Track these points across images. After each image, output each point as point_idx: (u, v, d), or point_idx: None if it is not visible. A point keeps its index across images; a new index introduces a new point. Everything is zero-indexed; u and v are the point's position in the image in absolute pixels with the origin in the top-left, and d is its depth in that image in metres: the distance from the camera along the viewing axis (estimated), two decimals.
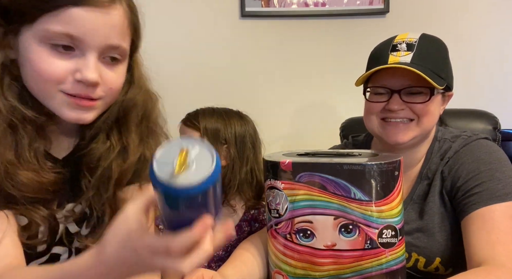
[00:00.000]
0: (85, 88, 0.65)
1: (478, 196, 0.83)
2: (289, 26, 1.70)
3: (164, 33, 1.71)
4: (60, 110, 0.67)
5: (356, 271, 0.73)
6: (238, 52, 1.72)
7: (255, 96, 1.73)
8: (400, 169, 0.72)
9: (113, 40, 0.66)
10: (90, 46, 0.64)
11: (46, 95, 0.66)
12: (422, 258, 0.91)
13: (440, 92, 0.92)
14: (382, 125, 0.92)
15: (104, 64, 0.67)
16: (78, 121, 0.68)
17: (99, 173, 0.75)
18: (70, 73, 0.64)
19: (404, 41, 0.91)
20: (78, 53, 0.64)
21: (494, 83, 1.67)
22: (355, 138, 1.12)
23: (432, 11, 1.67)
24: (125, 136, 0.77)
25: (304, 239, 0.76)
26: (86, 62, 0.64)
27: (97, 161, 0.75)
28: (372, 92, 0.95)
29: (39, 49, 0.63)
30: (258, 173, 1.15)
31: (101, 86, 0.67)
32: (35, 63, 0.63)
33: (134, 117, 0.78)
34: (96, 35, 0.64)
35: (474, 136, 0.93)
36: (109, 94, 0.70)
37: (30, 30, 0.63)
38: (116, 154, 0.76)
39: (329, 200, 0.73)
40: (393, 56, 0.90)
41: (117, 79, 0.70)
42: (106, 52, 0.66)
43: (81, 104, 0.66)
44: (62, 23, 0.61)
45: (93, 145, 0.75)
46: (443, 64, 0.92)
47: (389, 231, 0.72)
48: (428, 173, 0.94)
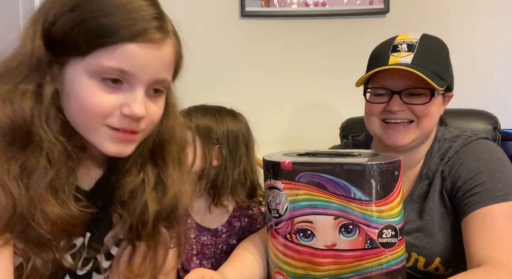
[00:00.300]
0: (130, 122, 0.64)
1: (478, 196, 0.83)
2: (289, 26, 1.70)
3: None
4: (102, 144, 0.65)
5: (356, 271, 0.73)
6: (238, 52, 1.72)
7: (255, 96, 1.73)
8: (400, 169, 0.72)
9: (162, 74, 0.66)
10: (140, 81, 0.63)
11: (90, 129, 0.64)
12: (422, 258, 0.91)
13: (441, 93, 0.92)
14: (382, 127, 0.92)
15: (149, 97, 0.66)
16: (118, 155, 0.67)
17: (133, 207, 0.72)
18: (117, 108, 0.63)
19: (404, 42, 0.91)
20: (126, 87, 0.63)
21: (494, 83, 1.67)
22: (355, 138, 1.12)
23: (432, 11, 1.67)
24: (161, 169, 0.75)
25: (304, 239, 0.76)
26: (135, 97, 0.63)
27: (130, 194, 0.72)
28: (372, 93, 0.95)
29: (89, 83, 0.61)
30: (251, 174, 1.13)
31: (145, 119, 0.65)
32: (84, 97, 0.62)
33: (172, 150, 0.76)
34: (148, 70, 0.63)
35: (474, 136, 0.93)
36: (150, 127, 0.68)
37: (80, 63, 0.62)
38: (152, 188, 0.73)
39: (329, 200, 0.73)
40: (393, 57, 0.90)
41: (159, 111, 0.69)
42: (152, 86, 0.66)
43: (124, 138, 0.65)
44: (116, 58, 0.61)
45: (126, 178, 0.72)
46: (444, 65, 0.92)
47: (389, 231, 0.72)
48: (428, 173, 0.94)
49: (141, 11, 0.63)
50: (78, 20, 0.61)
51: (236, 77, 1.73)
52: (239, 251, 0.90)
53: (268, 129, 1.74)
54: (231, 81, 1.73)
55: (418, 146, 0.95)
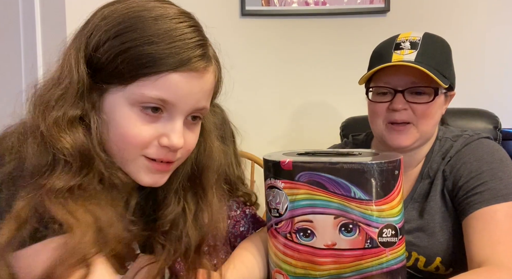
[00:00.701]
0: (167, 153, 0.62)
1: (480, 196, 0.83)
2: (289, 25, 1.70)
3: None
4: (137, 174, 0.63)
5: (356, 271, 0.73)
6: (238, 51, 1.72)
7: (255, 96, 1.73)
8: (400, 168, 0.72)
9: (202, 103, 0.64)
10: (180, 111, 0.62)
11: (127, 159, 0.63)
12: (422, 258, 0.91)
13: (443, 92, 0.91)
14: (387, 129, 0.92)
15: (186, 125, 0.64)
16: (152, 185, 0.65)
17: (176, 236, 0.70)
18: (156, 138, 0.62)
19: (407, 40, 0.91)
20: (166, 116, 0.62)
21: (495, 83, 1.67)
22: (355, 137, 1.12)
23: (432, 10, 1.67)
24: (200, 197, 0.73)
25: (304, 238, 0.76)
26: (174, 127, 0.61)
27: (171, 223, 0.70)
28: (375, 92, 0.94)
29: (129, 112, 0.60)
30: (228, 169, 1.06)
31: (182, 149, 0.64)
32: (124, 126, 0.60)
33: (210, 176, 0.73)
34: (189, 100, 0.62)
35: (475, 136, 0.93)
36: (185, 156, 0.67)
37: (121, 91, 0.60)
38: (193, 217, 0.71)
39: (329, 199, 0.73)
40: (396, 55, 0.90)
41: (195, 139, 0.67)
42: (191, 114, 0.64)
43: (160, 169, 0.64)
44: (159, 88, 0.59)
45: (165, 208, 0.70)
46: (447, 63, 0.92)
47: (389, 230, 0.72)
48: (429, 172, 0.94)
49: (186, 39, 0.61)
50: (122, 48, 0.59)
51: (236, 76, 1.73)
52: (239, 251, 0.90)
53: (268, 129, 1.74)
54: (231, 80, 1.73)
55: (419, 146, 0.95)
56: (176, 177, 0.69)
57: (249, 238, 0.95)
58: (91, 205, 0.58)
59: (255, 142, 1.73)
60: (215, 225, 0.73)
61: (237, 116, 1.73)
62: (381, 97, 0.92)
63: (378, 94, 0.93)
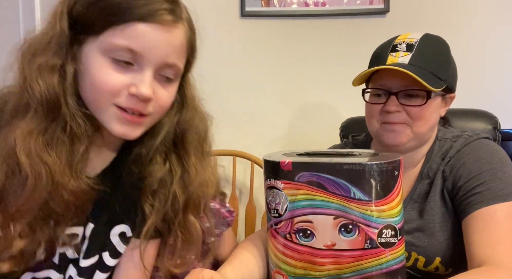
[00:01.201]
0: (137, 103, 0.66)
1: (479, 196, 0.83)
2: (289, 26, 1.70)
3: None
4: (110, 123, 0.67)
5: (356, 271, 0.73)
6: (238, 52, 1.72)
7: (254, 96, 1.74)
8: (400, 169, 0.72)
9: (171, 58, 0.67)
10: (149, 62, 0.65)
11: (100, 107, 0.67)
12: (422, 258, 0.91)
13: (440, 94, 0.91)
14: (381, 128, 0.93)
15: (158, 81, 0.68)
16: (124, 136, 0.69)
17: (164, 196, 0.74)
18: (125, 87, 0.65)
19: (404, 42, 0.91)
20: (136, 68, 0.65)
21: (494, 83, 1.67)
22: (355, 137, 1.12)
23: (432, 11, 1.67)
24: (184, 159, 0.77)
25: (304, 239, 0.76)
26: (143, 77, 0.65)
27: (159, 183, 0.74)
28: (371, 94, 0.95)
29: (100, 60, 0.64)
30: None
31: (153, 102, 0.67)
32: (95, 74, 0.65)
33: (192, 140, 0.78)
34: (157, 52, 0.65)
35: (475, 136, 0.93)
36: (158, 112, 0.70)
37: (95, 42, 0.65)
38: (179, 178, 0.76)
39: (329, 199, 0.73)
40: (391, 57, 0.90)
41: (168, 97, 0.71)
42: (162, 70, 0.67)
43: (131, 120, 0.67)
44: (126, 37, 0.63)
45: (151, 167, 0.74)
46: (444, 65, 0.92)
47: (389, 230, 0.72)
48: (429, 172, 0.94)
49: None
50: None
51: (236, 77, 1.73)
52: (239, 250, 0.90)
53: (268, 129, 1.74)
54: (231, 81, 1.73)
55: (417, 147, 0.95)
56: (158, 136, 0.73)
57: (248, 238, 0.95)
58: (51, 151, 0.64)
59: (255, 142, 1.73)
60: (200, 187, 0.77)
61: (237, 117, 1.74)
62: (376, 99, 0.93)
63: (374, 96, 0.94)
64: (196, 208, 0.79)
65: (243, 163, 1.71)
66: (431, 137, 0.96)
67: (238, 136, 1.74)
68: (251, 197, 1.68)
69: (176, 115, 0.76)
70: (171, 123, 0.75)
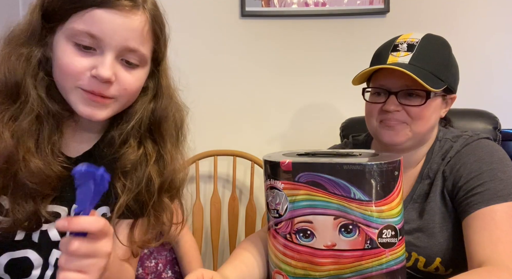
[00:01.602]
0: (99, 85, 0.69)
1: (479, 196, 0.83)
2: (289, 26, 1.70)
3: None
4: (76, 105, 0.71)
5: (356, 271, 0.73)
6: (238, 52, 1.72)
7: (255, 96, 1.73)
8: (400, 169, 0.72)
9: (131, 43, 0.70)
10: (108, 46, 0.69)
11: (67, 90, 0.71)
12: (422, 258, 0.91)
13: (440, 94, 0.91)
14: (380, 127, 0.93)
15: (122, 65, 0.72)
16: (90, 117, 0.72)
17: (137, 177, 0.78)
18: (87, 70, 0.69)
19: (406, 41, 0.92)
20: (98, 52, 0.69)
21: (495, 83, 1.67)
22: (355, 138, 1.12)
23: (432, 11, 1.67)
24: (160, 145, 0.81)
25: (304, 239, 0.76)
26: (103, 60, 0.69)
27: (132, 165, 0.78)
28: (372, 93, 0.96)
29: (65, 46, 0.69)
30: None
31: (115, 85, 0.71)
32: (60, 58, 0.69)
33: (168, 128, 0.82)
34: (115, 35, 0.69)
35: (475, 136, 0.93)
36: (124, 95, 0.73)
37: (62, 29, 0.70)
38: (154, 162, 0.80)
39: (329, 200, 0.73)
40: (392, 57, 0.90)
41: (134, 82, 0.74)
42: (124, 54, 0.71)
43: (95, 100, 0.70)
44: (85, 22, 0.68)
45: (124, 149, 0.78)
46: (445, 66, 0.92)
47: (389, 231, 0.72)
48: (429, 173, 0.94)
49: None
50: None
51: (236, 77, 1.73)
52: (239, 250, 0.90)
53: (268, 129, 1.74)
54: (231, 81, 1.73)
55: (416, 147, 0.95)
56: (131, 121, 0.78)
57: (248, 238, 0.95)
58: (13, 129, 0.70)
59: (255, 142, 1.73)
60: (174, 172, 0.81)
61: (237, 117, 1.74)
62: (376, 98, 0.94)
63: (374, 95, 0.95)
64: (171, 192, 0.83)
65: (243, 163, 1.71)
66: (431, 138, 0.96)
67: (238, 136, 1.74)
68: (251, 197, 1.68)
69: (151, 103, 0.80)
70: (145, 110, 0.79)
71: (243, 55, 1.72)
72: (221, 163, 1.72)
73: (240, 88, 1.73)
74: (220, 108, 1.74)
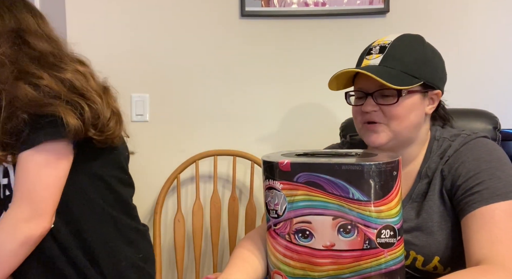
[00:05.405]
0: None
1: (478, 195, 0.83)
2: (289, 26, 1.70)
3: (164, 33, 1.71)
4: None
5: (355, 271, 0.73)
6: (238, 52, 1.72)
7: (254, 96, 1.74)
8: (398, 169, 0.72)
9: None
10: None
11: None
12: (420, 257, 0.91)
13: (418, 91, 0.92)
14: (363, 129, 0.96)
15: None
16: None
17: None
18: None
19: (379, 44, 0.95)
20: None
21: (495, 83, 1.67)
22: (353, 137, 1.14)
23: (432, 11, 1.67)
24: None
25: (303, 239, 0.76)
26: None
27: None
28: (355, 97, 0.99)
29: None
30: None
31: None
32: None
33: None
34: None
35: (473, 135, 0.94)
36: None
37: None
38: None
39: (328, 200, 0.73)
40: (366, 60, 0.94)
41: None
42: None
43: None
44: None
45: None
46: (421, 62, 0.92)
47: (388, 231, 0.72)
48: (427, 172, 0.94)
49: None
50: None
51: (236, 77, 1.73)
52: (241, 250, 0.90)
53: (267, 129, 1.75)
54: (231, 81, 1.73)
55: (403, 147, 0.96)
56: None
57: (248, 237, 0.95)
58: None
59: (255, 142, 1.73)
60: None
61: (237, 117, 1.74)
62: (358, 101, 0.97)
63: (357, 99, 0.98)
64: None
65: (243, 163, 1.72)
66: (421, 137, 0.97)
67: (238, 136, 1.74)
68: (251, 197, 1.68)
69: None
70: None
71: (243, 55, 1.72)
72: (221, 163, 1.73)
73: (240, 88, 1.73)
74: (220, 108, 1.74)
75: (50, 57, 1.03)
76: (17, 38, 1.03)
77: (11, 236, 0.95)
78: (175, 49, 1.71)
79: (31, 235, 0.96)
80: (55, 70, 1.00)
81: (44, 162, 0.97)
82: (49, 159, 0.97)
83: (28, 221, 0.96)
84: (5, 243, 0.95)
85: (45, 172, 0.97)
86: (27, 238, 0.96)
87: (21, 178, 0.97)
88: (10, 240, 0.95)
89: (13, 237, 0.95)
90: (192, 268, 1.75)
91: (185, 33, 1.70)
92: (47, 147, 0.97)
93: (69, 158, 1.02)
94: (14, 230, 0.96)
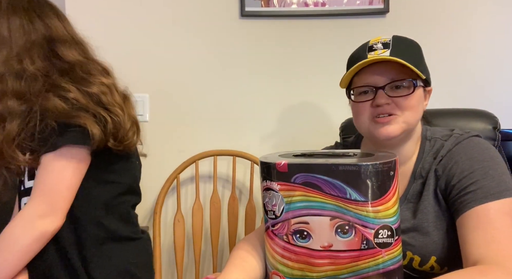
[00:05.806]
0: None
1: (472, 195, 0.84)
2: (289, 26, 1.71)
3: (164, 33, 1.71)
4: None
5: (353, 272, 0.73)
6: (238, 52, 1.72)
7: (255, 96, 1.74)
8: (395, 169, 0.72)
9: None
10: None
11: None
12: (417, 257, 0.91)
13: (421, 85, 0.93)
14: (373, 123, 0.93)
15: None
16: None
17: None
18: None
19: (379, 42, 0.94)
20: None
21: (494, 83, 1.67)
22: (345, 139, 1.14)
23: (431, 11, 1.67)
24: None
25: (300, 240, 0.76)
26: None
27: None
28: (356, 93, 0.96)
29: None
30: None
31: None
32: None
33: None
34: None
35: (465, 134, 0.94)
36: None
37: None
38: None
39: (325, 200, 0.73)
40: (371, 56, 0.92)
41: None
42: None
43: None
44: None
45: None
46: (418, 60, 0.94)
47: (385, 231, 0.72)
48: (421, 172, 0.94)
49: None
50: None
51: (235, 77, 1.73)
52: (239, 251, 0.90)
53: (268, 129, 1.75)
54: (230, 81, 1.73)
55: (404, 143, 0.96)
56: None
57: (246, 239, 0.95)
58: None
59: (255, 142, 1.74)
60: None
61: (237, 117, 1.74)
62: (363, 97, 0.94)
63: (360, 94, 0.95)
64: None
65: (243, 163, 1.72)
66: (416, 135, 0.97)
67: (238, 136, 1.74)
68: (251, 197, 1.68)
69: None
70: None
71: (243, 55, 1.72)
72: (221, 163, 1.73)
73: (240, 88, 1.73)
74: (220, 108, 1.74)
75: (78, 70, 1.10)
76: (48, 49, 1.10)
77: (27, 231, 0.99)
78: (175, 49, 1.71)
79: (46, 231, 1.00)
80: (83, 84, 1.07)
81: (67, 164, 1.03)
82: (72, 162, 1.03)
83: (43, 217, 1.00)
84: (20, 238, 0.99)
85: (67, 172, 1.03)
86: (42, 233, 0.99)
87: (42, 176, 1.02)
88: (26, 235, 0.99)
89: (29, 232, 0.99)
90: (192, 268, 1.76)
91: (185, 33, 1.71)
92: (71, 150, 1.03)
93: (87, 164, 1.08)
94: (30, 225, 0.99)
